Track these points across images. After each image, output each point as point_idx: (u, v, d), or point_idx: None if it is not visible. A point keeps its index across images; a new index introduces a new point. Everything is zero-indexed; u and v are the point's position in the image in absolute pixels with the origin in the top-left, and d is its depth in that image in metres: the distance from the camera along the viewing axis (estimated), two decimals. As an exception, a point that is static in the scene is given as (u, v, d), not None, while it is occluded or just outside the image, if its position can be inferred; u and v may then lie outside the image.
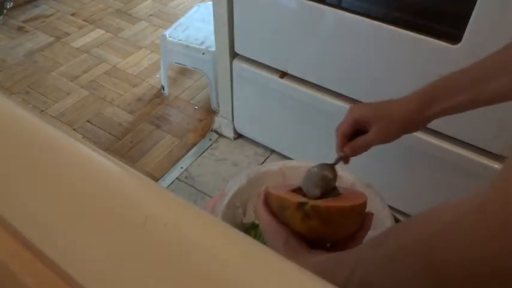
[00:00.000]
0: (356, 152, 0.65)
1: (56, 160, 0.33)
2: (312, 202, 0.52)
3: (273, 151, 1.59)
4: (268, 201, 0.58)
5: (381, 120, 0.63)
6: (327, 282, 0.25)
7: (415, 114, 0.61)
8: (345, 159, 0.66)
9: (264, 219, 0.56)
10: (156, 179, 1.53)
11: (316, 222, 0.51)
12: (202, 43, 1.67)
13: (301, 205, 0.51)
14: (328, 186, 0.59)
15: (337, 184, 0.73)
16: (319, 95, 1.26)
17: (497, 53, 0.57)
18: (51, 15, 2.41)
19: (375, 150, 0.66)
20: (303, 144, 1.44)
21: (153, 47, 2.17)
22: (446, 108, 0.60)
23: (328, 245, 0.56)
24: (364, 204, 0.55)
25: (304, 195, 0.59)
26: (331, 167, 0.62)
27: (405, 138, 1.27)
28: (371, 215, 0.58)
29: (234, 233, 0.28)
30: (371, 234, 0.60)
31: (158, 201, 0.30)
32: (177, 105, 1.85)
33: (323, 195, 0.58)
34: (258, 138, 1.61)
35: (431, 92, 0.60)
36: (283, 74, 1.33)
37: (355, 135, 0.65)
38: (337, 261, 0.45)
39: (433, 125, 1.13)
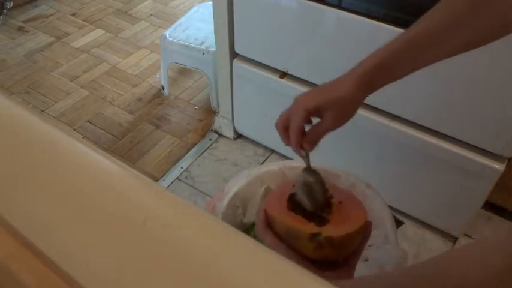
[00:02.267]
0: (314, 144, 0.61)
1: (55, 160, 0.33)
2: (325, 233, 0.51)
3: (273, 151, 1.59)
4: (270, 222, 0.56)
5: (335, 104, 0.59)
6: (327, 282, 0.25)
7: (366, 89, 0.59)
8: (307, 155, 0.62)
9: (271, 244, 0.54)
10: (156, 179, 1.53)
11: (329, 250, 0.51)
12: (202, 43, 1.67)
13: (314, 236, 0.51)
14: (317, 192, 0.58)
15: (335, 183, 0.73)
16: (319, 95, 1.26)
17: (431, 13, 0.56)
18: (51, 15, 2.41)
19: (374, 150, 0.66)
20: (303, 144, 1.43)
21: (153, 47, 2.17)
22: (391, 79, 0.58)
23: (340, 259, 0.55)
24: (366, 218, 0.55)
25: (300, 204, 0.58)
26: (310, 170, 0.61)
27: (405, 138, 1.27)
28: (370, 224, 0.57)
29: (234, 233, 0.28)
30: (372, 234, 0.60)
31: (158, 201, 0.30)
32: (177, 105, 1.85)
33: (317, 203, 0.58)
34: (258, 138, 1.61)
35: (378, 65, 0.58)
36: (283, 74, 1.33)
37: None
38: None
39: (433, 125, 1.13)
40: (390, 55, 0.57)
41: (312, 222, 0.55)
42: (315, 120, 0.62)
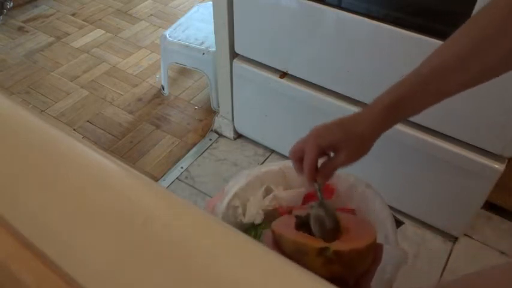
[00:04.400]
0: (328, 178, 0.61)
1: (56, 160, 0.33)
2: (333, 247, 0.50)
3: (273, 151, 1.59)
4: (278, 241, 0.55)
5: (350, 142, 0.58)
6: (327, 282, 0.25)
7: (382, 127, 0.58)
8: (321, 188, 0.61)
9: None
10: (156, 179, 1.53)
11: (338, 266, 0.50)
12: (202, 43, 1.67)
13: (322, 251, 0.50)
14: (328, 224, 0.57)
15: (335, 183, 0.73)
16: (319, 95, 1.26)
17: (451, 42, 0.53)
18: (51, 15, 2.41)
19: (375, 150, 0.65)
20: (303, 144, 1.43)
21: (153, 47, 2.17)
22: (411, 114, 0.57)
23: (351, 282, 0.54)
24: (375, 238, 0.54)
25: (310, 229, 0.57)
26: (322, 203, 0.60)
27: (405, 138, 1.27)
28: (381, 246, 0.56)
29: (234, 233, 0.28)
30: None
31: (158, 201, 0.30)
32: (177, 105, 1.85)
33: (327, 232, 0.57)
34: (258, 138, 1.61)
35: (395, 104, 0.56)
36: (283, 74, 1.33)
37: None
38: None
39: (434, 125, 1.13)
40: (410, 90, 0.55)
41: (320, 238, 0.54)
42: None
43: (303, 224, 0.58)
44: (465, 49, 0.52)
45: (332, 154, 0.62)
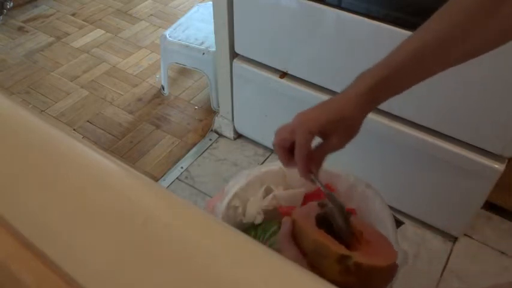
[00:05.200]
0: (320, 165, 0.58)
1: (55, 160, 0.33)
2: (355, 258, 0.48)
3: (273, 151, 1.59)
4: (296, 233, 0.53)
5: (340, 123, 0.56)
6: (327, 282, 0.25)
7: (371, 104, 0.56)
8: (316, 178, 0.59)
9: (290, 257, 0.50)
10: (156, 179, 1.53)
11: (354, 278, 0.48)
12: (202, 43, 1.67)
13: (343, 259, 0.48)
14: (340, 217, 0.55)
15: (335, 183, 0.72)
16: (319, 95, 1.26)
17: (436, 18, 0.53)
18: (51, 15, 2.41)
19: (375, 150, 0.65)
20: (303, 144, 1.43)
21: (153, 47, 2.17)
22: (398, 91, 0.56)
23: None
24: (396, 259, 0.53)
25: (331, 225, 0.55)
26: (328, 196, 0.58)
27: (405, 138, 1.27)
28: (396, 266, 0.54)
29: (234, 233, 0.28)
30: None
31: (158, 201, 0.30)
32: (177, 105, 1.85)
33: (348, 225, 0.55)
34: (258, 138, 1.61)
35: (377, 88, 0.55)
36: (283, 74, 1.33)
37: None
38: None
39: (434, 125, 1.13)
40: (394, 69, 0.54)
41: (342, 244, 0.52)
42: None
43: (323, 221, 0.56)
44: (446, 30, 0.52)
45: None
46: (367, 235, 0.57)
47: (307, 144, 0.55)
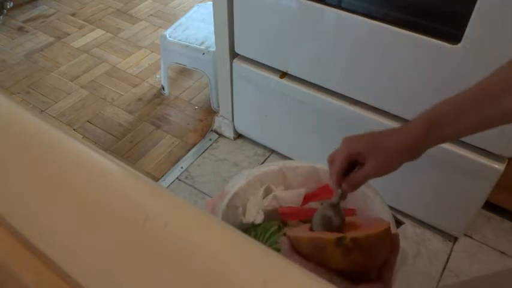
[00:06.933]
0: (354, 187, 0.61)
1: (56, 160, 0.33)
2: (350, 235, 0.50)
3: (273, 151, 1.59)
4: (294, 244, 0.55)
5: (378, 153, 0.58)
6: (327, 282, 0.25)
7: (416, 144, 0.57)
8: (343, 195, 0.62)
9: (299, 265, 0.52)
10: (156, 179, 1.53)
11: (358, 254, 0.50)
12: (202, 43, 1.67)
13: (339, 240, 0.50)
14: (331, 225, 0.58)
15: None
16: (319, 95, 1.26)
17: (502, 69, 0.53)
18: (51, 15, 2.41)
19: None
20: (303, 144, 1.44)
21: (153, 47, 2.17)
22: (450, 134, 0.56)
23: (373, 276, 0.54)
24: (390, 225, 0.55)
25: (324, 225, 0.59)
26: (334, 205, 0.61)
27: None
28: (397, 235, 0.56)
29: (234, 233, 0.28)
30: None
31: (158, 201, 0.30)
32: (177, 105, 1.85)
33: (332, 228, 0.58)
34: (258, 138, 1.61)
35: (434, 119, 0.55)
36: (283, 74, 1.33)
37: (350, 166, 0.62)
38: None
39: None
40: (449, 107, 0.55)
41: (334, 232, 0.55)
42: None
43: (319, 223, 0.60)
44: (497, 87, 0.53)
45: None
46: (359, 221, 0.61)
47: (341, 162, 0.60)
